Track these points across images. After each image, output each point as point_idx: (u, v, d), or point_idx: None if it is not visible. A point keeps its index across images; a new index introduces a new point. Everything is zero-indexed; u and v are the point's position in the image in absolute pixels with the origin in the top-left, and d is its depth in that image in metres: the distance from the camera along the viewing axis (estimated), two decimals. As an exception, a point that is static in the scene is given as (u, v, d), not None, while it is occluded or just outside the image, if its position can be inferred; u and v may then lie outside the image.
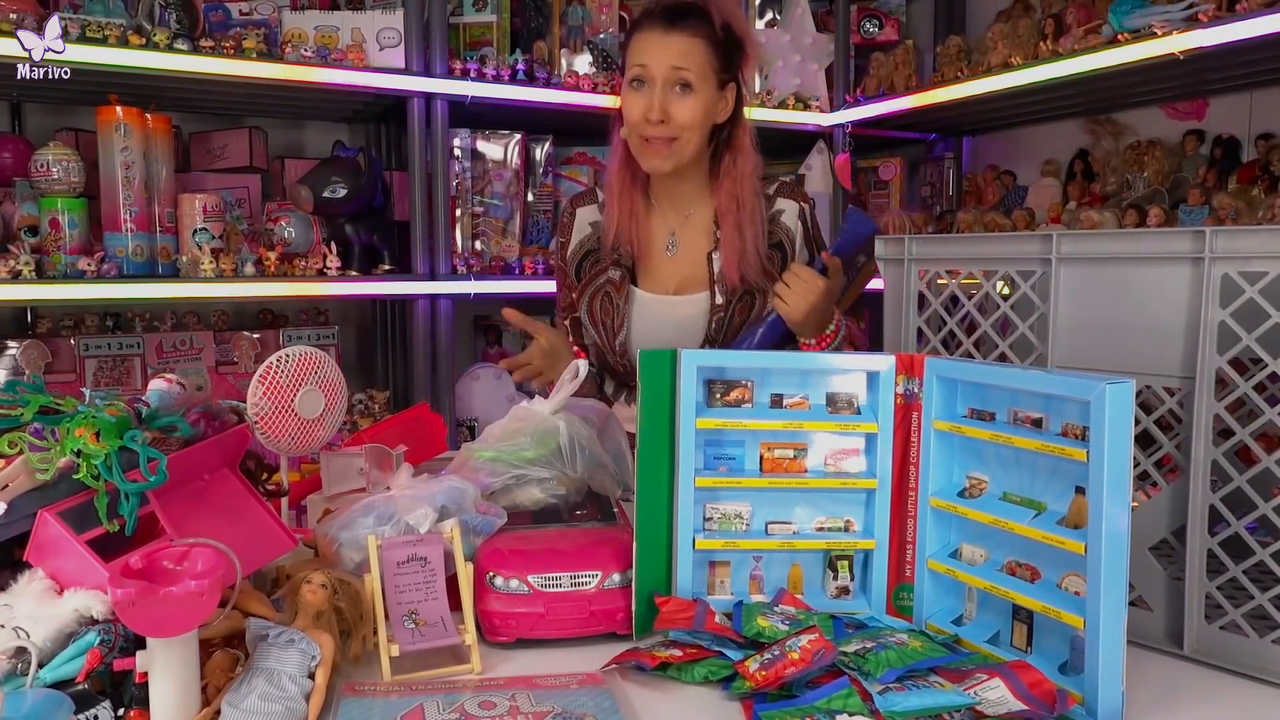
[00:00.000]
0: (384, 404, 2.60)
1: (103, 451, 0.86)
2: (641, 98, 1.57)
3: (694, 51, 1.57)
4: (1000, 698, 0.80)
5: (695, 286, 1.67)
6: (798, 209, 1.69)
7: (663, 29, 1.57)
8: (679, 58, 1.56)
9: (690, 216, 1.69)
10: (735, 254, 1.62)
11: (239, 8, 2.36)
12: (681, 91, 1.56)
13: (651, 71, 1.56)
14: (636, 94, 1.58)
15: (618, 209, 1.67)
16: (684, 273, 1.68)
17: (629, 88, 1.60)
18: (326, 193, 2.29)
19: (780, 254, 1.68)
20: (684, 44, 1.56)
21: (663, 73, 1.56)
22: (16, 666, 0.78)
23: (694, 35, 1.57)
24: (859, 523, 1.03)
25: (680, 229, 1.70)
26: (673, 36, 1.56)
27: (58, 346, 2.31)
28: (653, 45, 1.57)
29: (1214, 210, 2.12)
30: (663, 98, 1.56)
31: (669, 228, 1.70)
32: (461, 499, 1.03)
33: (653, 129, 1.57)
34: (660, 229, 1.71)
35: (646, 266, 1.70)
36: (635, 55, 1.59)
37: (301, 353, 1.16)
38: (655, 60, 1.56)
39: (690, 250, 1.68)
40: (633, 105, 1.58)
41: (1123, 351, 1.00)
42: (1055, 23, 2.37)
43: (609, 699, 0.84)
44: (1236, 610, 0.92)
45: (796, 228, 1.68)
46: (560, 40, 2.70)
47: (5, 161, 2.29)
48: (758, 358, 1.06)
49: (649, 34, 1.58)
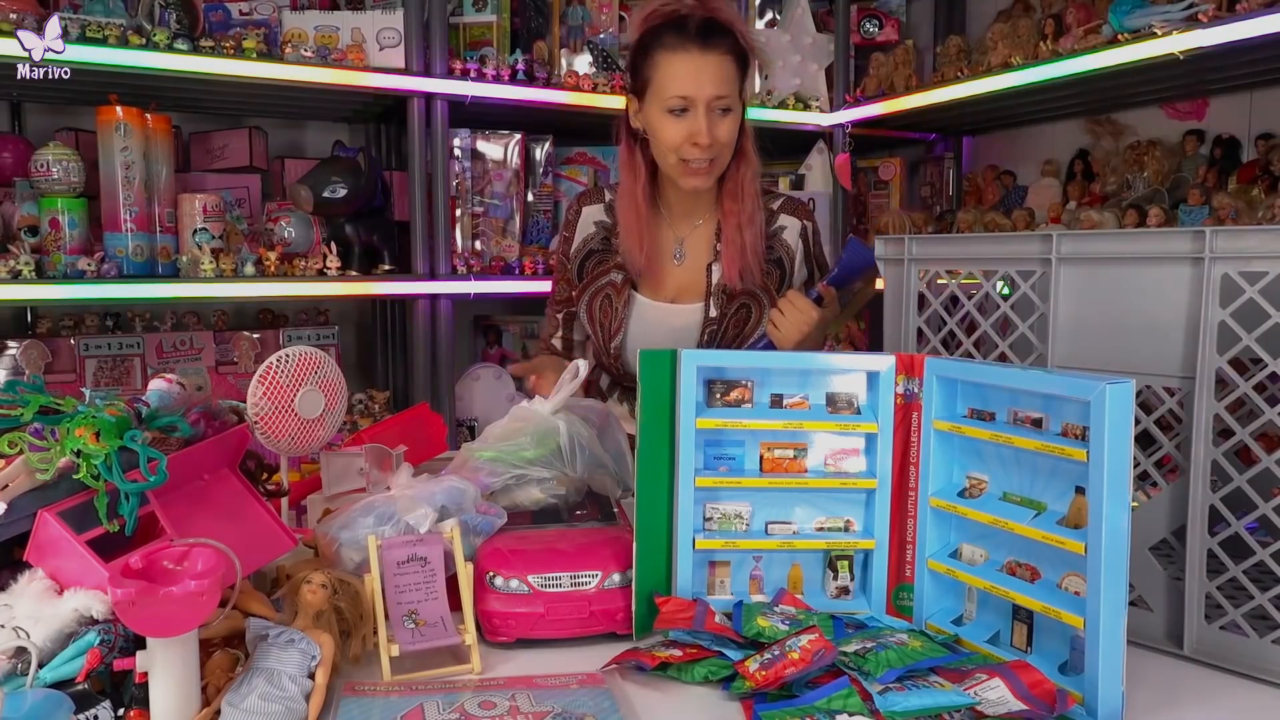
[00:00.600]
0: (384, 404, 2.60)
1: (103, 451, 0.86)
2: (684, 124, 1.54)
3: (731, 75, 1.56)
4: (1000, 698, 0.80)
5: (692, 296, 1.69)
6: (800, 227, 1.70)
7: (699, 51, 1.53)
8: (720, 84, 1.54)
9: (699, 226, 1.70)
10: (735, 252, 1.62)
11: (239, 8, 2.36)
12: (722, 115, 1.56)
13: (695, 100, 1.53)
14: (678, 120, 1.55)
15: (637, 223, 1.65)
16: (684, 281, 1.70)
17: (667, 114, 1.55)
18: (326, 193, 2.29)
19: (779, 270, 1.69)
20: (722, 68, 1.54)
21: (706, 99, 1.53)
22: (16, 666, 0.78)
23: (726, 55, 1.55)
24: (859, 523, 1.03)
25: (688, 238, 1.71)
26: (710, 60, 1.54)
27: (58, 346, 2.31)
28: (692, 71, 1.53)
29: (1214, 210, 2.12)
30: (709, 123, 1.54)
31: (678, 235, 1.71)
32: (461, 499, 1.03)
33: (698, 152, 1.55)
34: (669, 237, 1.71)
35: (651, 272, 1.70)
36: (675, 80, 1.54)
37: (301, 353, 1.16)
38: (698, 88, 1.53)
39: (694, 259, 1.70)
40: (674, 131, 1.55)
41: (1123, 351, 1.00)
42: (1055, 23, 2.37)
43: (609, 699, 0.84)
44: (1236, 610, 0.92)
45: (797, 246, 1.69)
46: (560, 40, 2.70)
47: (5, 161, 2.29)
48: (758, 358, 1.06)
49: (685, 56, 1.54)
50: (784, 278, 1.69)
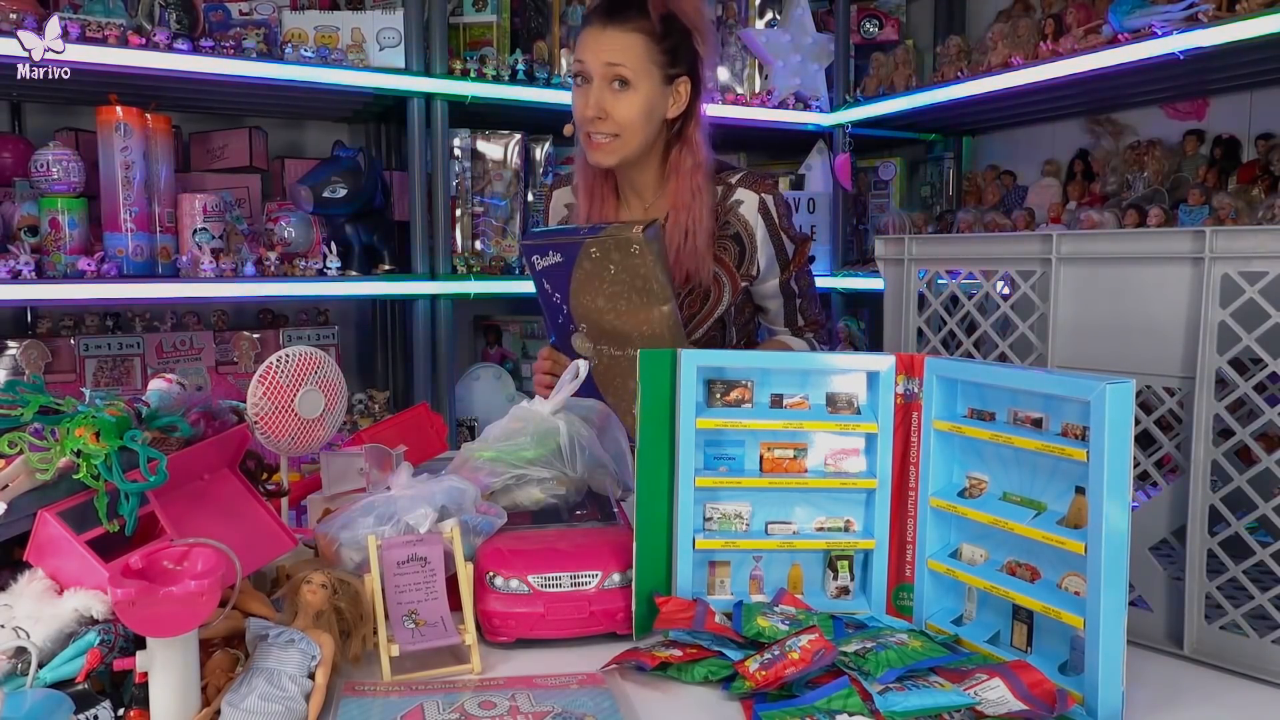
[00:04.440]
0: (384, 404, 2.60)
1: (103, 451, 0.86)
2: (581, 94, 1.59)
3: (630, 47, 1.55)
4: (1000, 698, 0.80)
5: None
6: (758, 201, 1.63)
7: (600, 25, 1.57)
8: (614, 54, 1.55)
9: (650, 208, 1.70)
10: (676, 252, 1.59)
11: (239, 8, 2.36)
12: (619, 88, 1.56)
13: (589, 68, 1.57)
14: (579, 90, 1.60)
15: (586, 203, 1.70)
16: None
17: (574, 84, 1.61)
18: (326, 193, 2.29)
19: (738, 246, 1.64)
20: (620, 40, 1.55)
21: (599, 69, 1.56)
22: (16, 666, 0.78)
23: (631, 30, 1.56)
24: (859, 523, 1.03)
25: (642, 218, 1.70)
26: (609, 32, 1.56)
27: (58, 346, 2.31)
28: (590, 42, 1.58)
29: (1214, 210, 2.12)
30: (599, 94, 1.56)
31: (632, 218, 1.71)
32: (461, 499, 1.03)
33: (594, 125, 1.58)
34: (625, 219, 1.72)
35: None
36: (576, 52, 1.61)
37: (301, 353, 1.16)
38: (591, 56, 1.57)
39: None
40: (575, 102, 1.61)
41: (1123, 351, 1.00)
42: (1055, 23, 2.37)
43: (609, 699, 0.84)
44: (1236, 610, 0.92)
45: (757, 222, 1.63)
46: (560, 40, 2.70)
47: (5, 161, 2.29)
48: (758, 358, 1.06)
49: (588, 30, 1.59)
50: (743, 254, 1.64)
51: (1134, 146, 2.53)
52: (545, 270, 1.46)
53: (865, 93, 2.93)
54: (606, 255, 1.39)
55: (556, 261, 1.44)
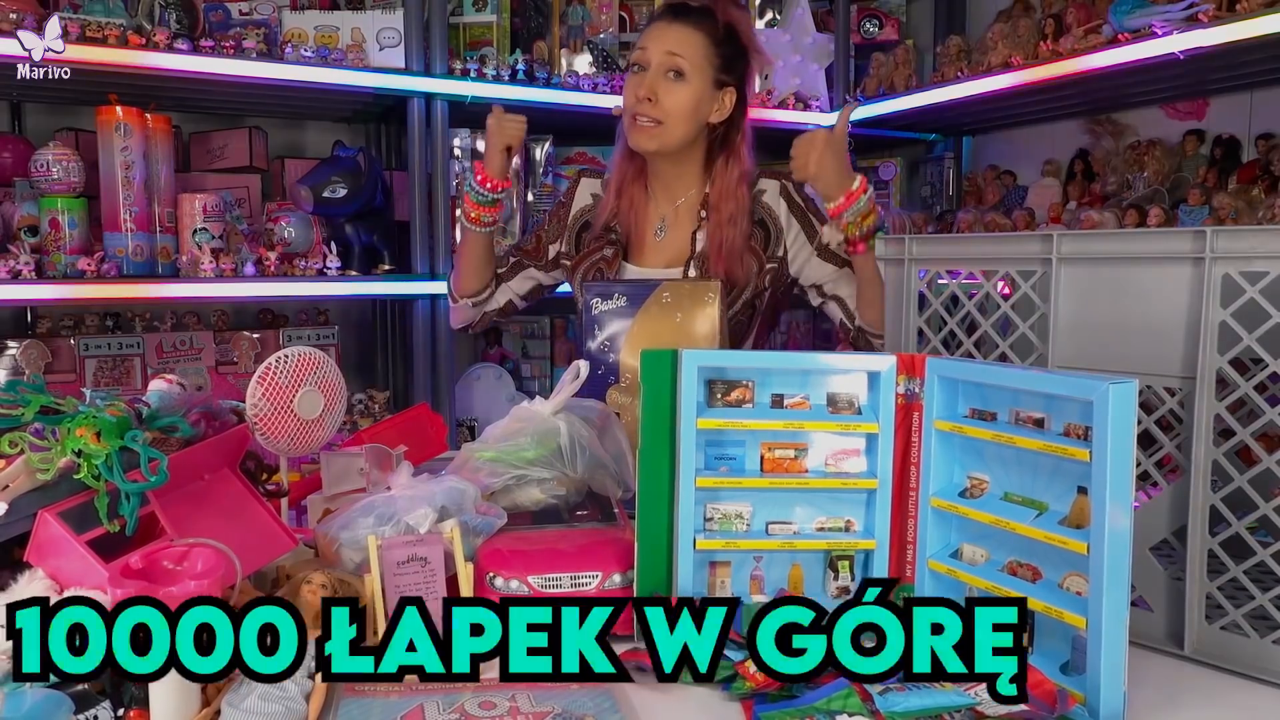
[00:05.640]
0: (384, 404, 2.60)
1: (103, 451, 0.86)
2: (636, 80, 1.67)
3: (692, 42, 1.65)
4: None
5: (677, 262, 1.74)
6: (779, 185, 1.73)
7: (669, 20, 1.69)
8: (676, 44, 1.65)
9: (680, 204, 1.76)
10: (717, 247, 1.68)
11: (239, 8, 2.35)
12: (674, 78, 1.65)
13: (649, 55, 1.66)
14: (634, 78, 1.69)
15: (614, 197, 1.76)
16: (669, 254, 1.76)
17: (630, 73, 1.71)
18: (326, 193, 2.29)
19: (764, 231, 1.72)
20: (685, 34, 1.66)
21: (658, 57, 1.65)
22: (16, 667, 0.78)
23: (695, 28, 1.66)
24: (859, 523, 1.03)
25: (670, 215, 1.77)
26: (676, 26, 1.68)
27: (58, 346, 2.31)
28: (656, 33, 1.69)
29: (1214, 210, 2.12)
30: (654, 80, 1.65)
31: (660, 214, 1.77)
32: (461, 499, 1.03)
33: (641, 108, 1.64)
34: (653, 216, 1.78)
35: (636, 248, 1.78)
36: (639, 42, 1.71)
37: (301, 353, 1.16)
38: (654, 45, 1.66)
39: (677, 233, 1.76)
40: (629, 87, 1.69)
41: (1123, 351, 1.00)
42: (1055, 23, 2.37)
43: (609, 699, 0.84)
44: (1237, 610, 0.92)
45: (779, 204, 1.72)
46: (560, 40, 2.70)
47: (5, 161, 2.29)
48: (758, 358, 1.06)
49: (655, 24, 1.70)
50: (769, 239, 1.72)
51: (1134, 146, 2.53)
52: (603, 314, 1.48)
53: (865, 93, 2.93)
54: (678, 301, 1.44)
55: (620, 305, 1.47)
